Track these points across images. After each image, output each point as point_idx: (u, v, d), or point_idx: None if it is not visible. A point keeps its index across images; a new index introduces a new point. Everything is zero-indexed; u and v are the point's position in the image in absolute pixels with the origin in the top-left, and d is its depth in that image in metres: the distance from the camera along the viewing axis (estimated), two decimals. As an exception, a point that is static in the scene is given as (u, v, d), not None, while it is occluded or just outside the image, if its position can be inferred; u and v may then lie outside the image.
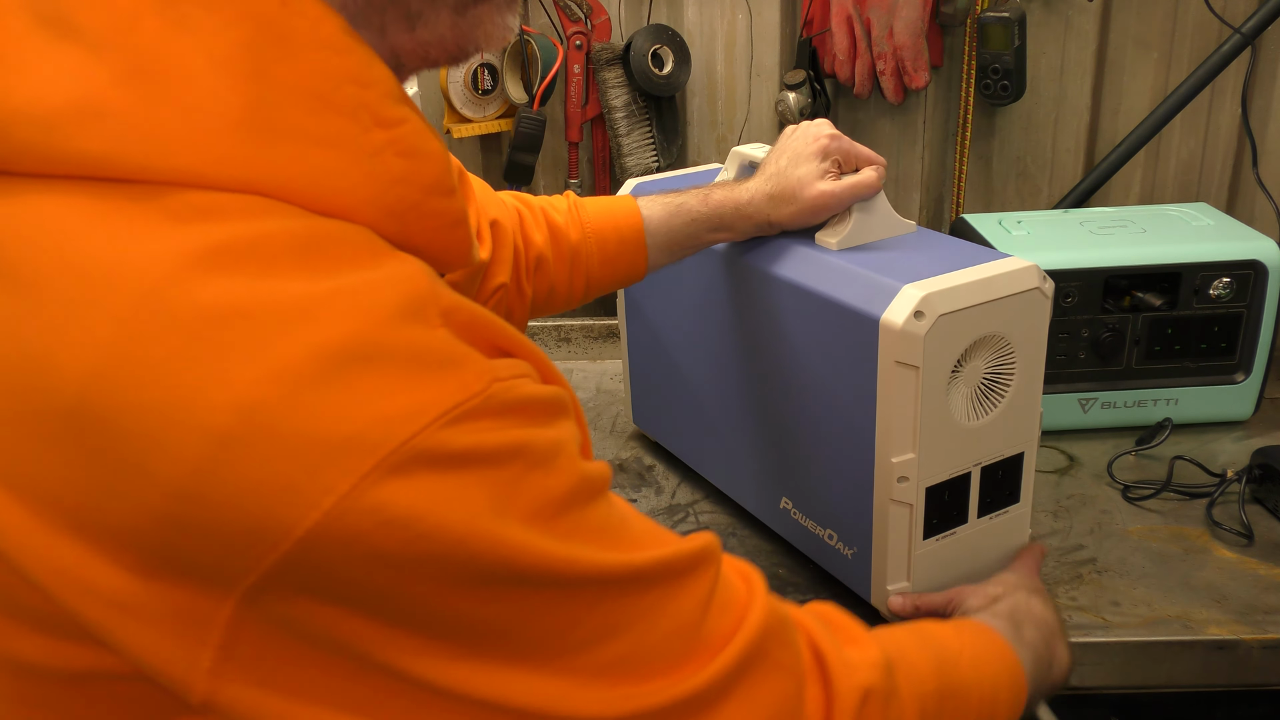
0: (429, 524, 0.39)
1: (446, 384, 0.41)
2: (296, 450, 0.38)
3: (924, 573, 0.83)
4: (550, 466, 0.43)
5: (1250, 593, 0.89)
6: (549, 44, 1.34)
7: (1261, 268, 1.09)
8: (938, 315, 0.75)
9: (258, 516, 0.38)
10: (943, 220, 1.47)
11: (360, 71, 0.44)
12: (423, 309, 0.42)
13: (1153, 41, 1.35)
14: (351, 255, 0.42)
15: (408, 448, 0.39)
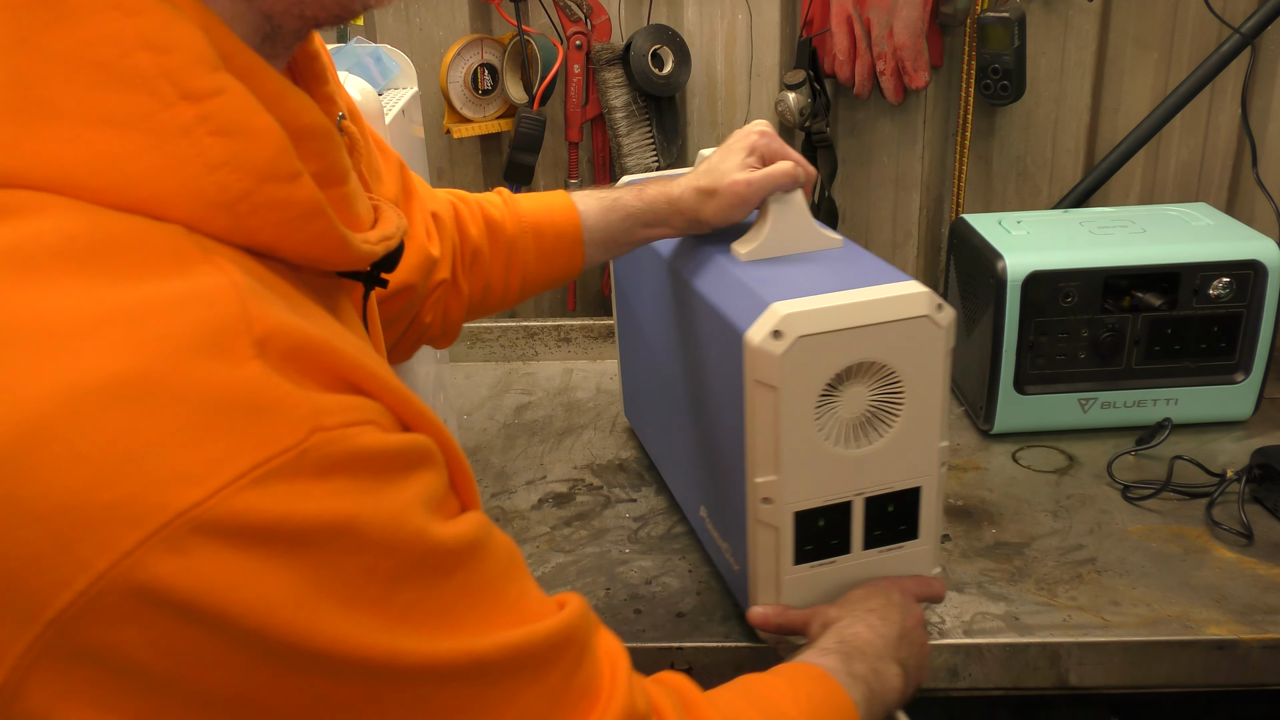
0: (214, 610, 0.32)
1: (249, 435, 0.33)
2: (42, 516, 0.31)
3: (798, 598, 0.81)
4: (386, 543, 0.36)
5: (1250, 593, 0.89)
6: (549, 44, 1.34)
7: (1261, 268, 1.09)
8: (797, 336, 0.71)
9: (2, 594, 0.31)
10: (943, 220, 1.47)
11: (157, 35, 0.36)
12: (227, 337, 0.34)
13: (1153, 41, 1.35)
14: (144, 262, 0.35)
15: (188, 517, 0.32)
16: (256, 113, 0.38)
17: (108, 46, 0.35)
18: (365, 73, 0.99)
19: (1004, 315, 1.10)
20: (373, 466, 0.36)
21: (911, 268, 1.48)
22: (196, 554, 0.32)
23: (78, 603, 0.31)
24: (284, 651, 0.34)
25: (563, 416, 1.28)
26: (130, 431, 0.32)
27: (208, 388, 0.33)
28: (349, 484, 0.35)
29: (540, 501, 1.09)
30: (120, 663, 0.32)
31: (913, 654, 0.75)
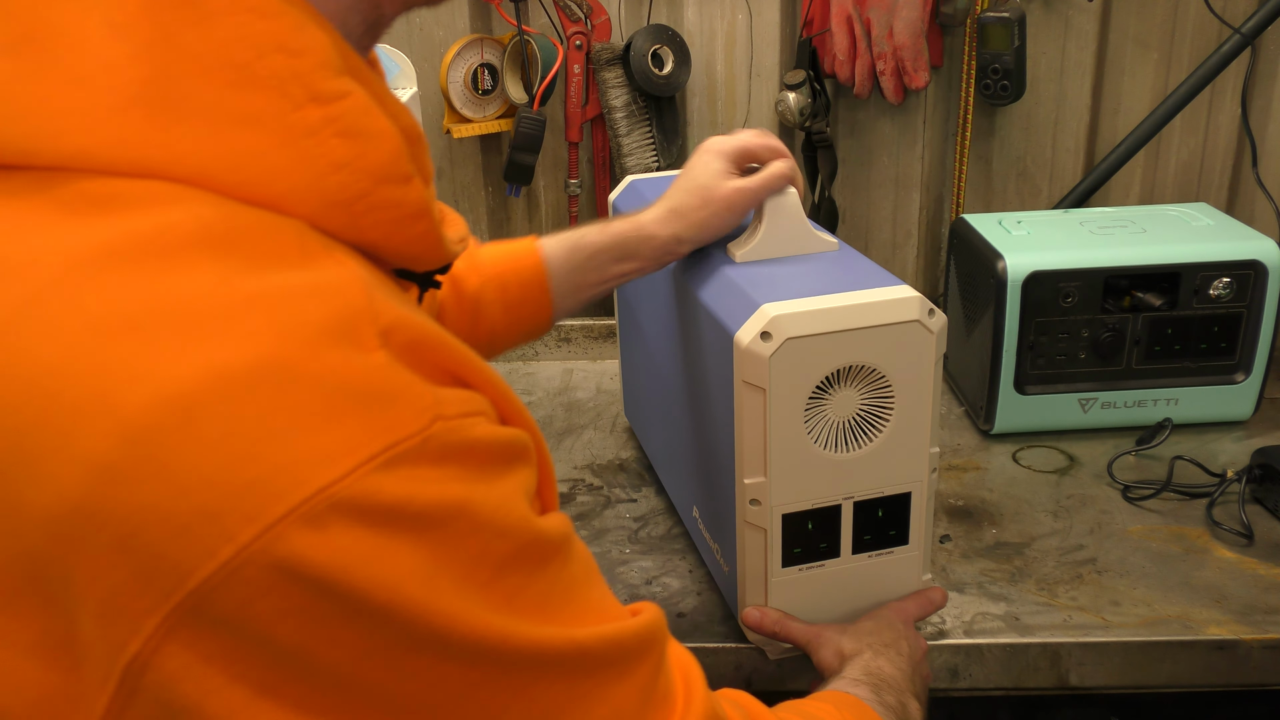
0: (346, 586, 0.34)
1: (378, 421, 0.35)
2: (190, 489, 0.32)
3: (786, 601, 0.81)
4: (496, 527, 0.38)
5: (1250, 593, 0.89)
6: (549, 44, 1.34)
7: (1261, 268, 1.09)
8: (785, 338, 0.72)
9: (141, 567, 0.32)
10: (943, 220, 1.47)
11: (289, 37, 0.38)
12: (356, 327, 0.36)
13: (1153, 41, 1.35)
14: (274, 253, 0.36)
15: (325, 495, 0.33)
16: (377, 116, 0.40)
17: (244, 48, 0.37)
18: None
19: (1004, 315, 1.10)
20: (484, 455, 0.38)
21: (911, 268, 1.48)
22: (332, 530, 0.33)
23: (219, 574, 0.32)
24: (404, 628, 0.35)
25: (563, 416, 1.28)
26: (272, 413, 0.33)
27: (341, 374, 0.35)
28: (464, 471, 0.37)
29: (540, 502, 1.09)
30: (251, 633, 0.34)
31: (923, 686, 0.76)
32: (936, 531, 1.00)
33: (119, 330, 0.33)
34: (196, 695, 0.34)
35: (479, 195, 1.46)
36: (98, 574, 0.33)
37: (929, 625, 0.87)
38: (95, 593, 0.33)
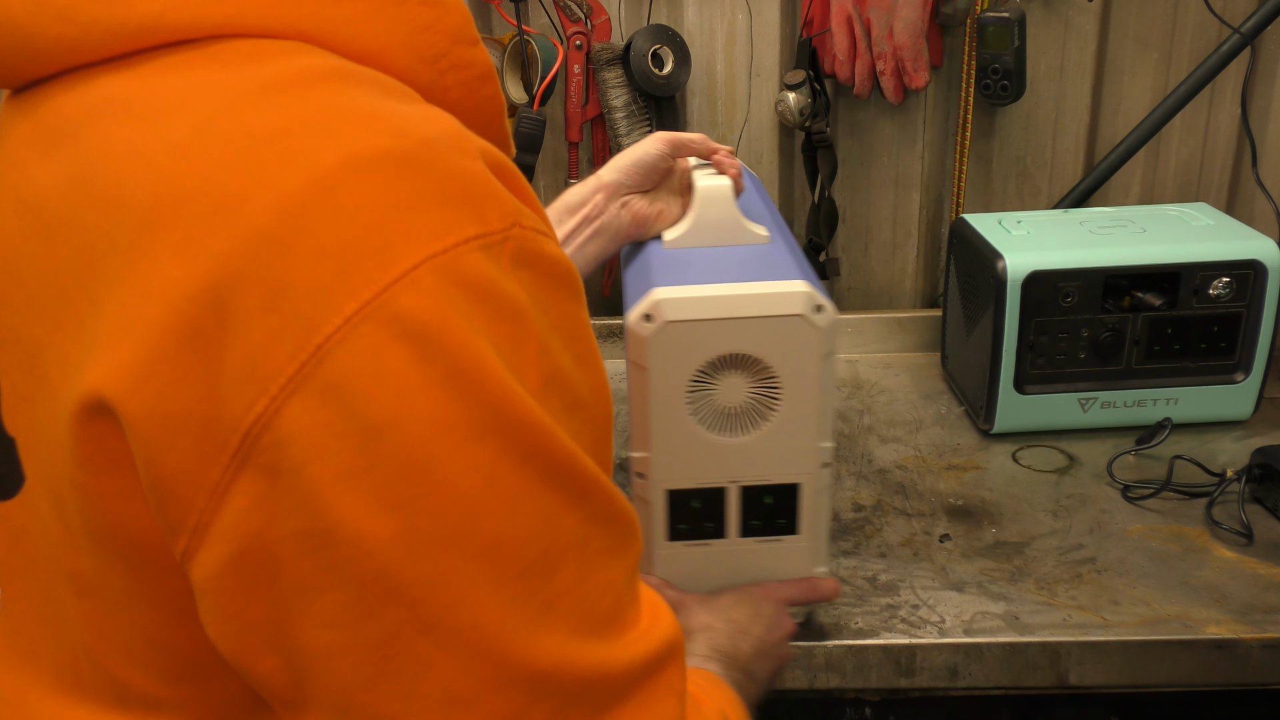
0: (440, 344, 0.39)
1: (475, 211, 0.41)
2: (329, 252, 0.38)
3: (671, 573, 0.84)
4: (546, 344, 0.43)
5: (1250, 592, 0.89)
6: (549, 44, 1.34)
7: (1261, 267, 1.09)
8: (665, 321, 0.74)
9: (281, 326, 0.38)
10: (943, 220, 1.47)
11: None
12: (461, 141, 0.43)
13: (1153, 41, 1.36)
14: (391, 90, 0.44)
15: (431, 263, 0.39)
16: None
17: None
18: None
19: (1004, 315, 1.10)
20: (549, 272, 0.44)
21: (911, 268, 1.48)
22: (434, 292, 0.39)
23: (342, 329, 0.38)
24: (479, 402, 0.39)
25: (563, 416, 1.28)
26: (396, 191, 0.39)
27: (450, 169, 0.41)
28: (531, 280, 0.43)
29: (540, 501, 1.09)
30: (357, 401, 0.38)
31: (766, 667, 0.78)
32: (936, 531, 1.00)
33: (276, 134, 0.40)
34: (299, 460, 0.38)
35: (479, 195, 1.46)
36: (247, 333, 0.38)
37: (928, 626, 0.87)
38: (241, 352, 0.38)
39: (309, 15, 0.45)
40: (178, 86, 0.42)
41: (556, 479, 0.42)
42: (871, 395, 1.30)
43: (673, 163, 0.90)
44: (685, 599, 0.81)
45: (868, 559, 0.97)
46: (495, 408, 0.40)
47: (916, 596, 0.91)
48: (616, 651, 0.45)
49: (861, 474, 1.12)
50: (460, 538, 0.40)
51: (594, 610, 0.44)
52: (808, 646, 0.86)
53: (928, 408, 1.25)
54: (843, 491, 1.08)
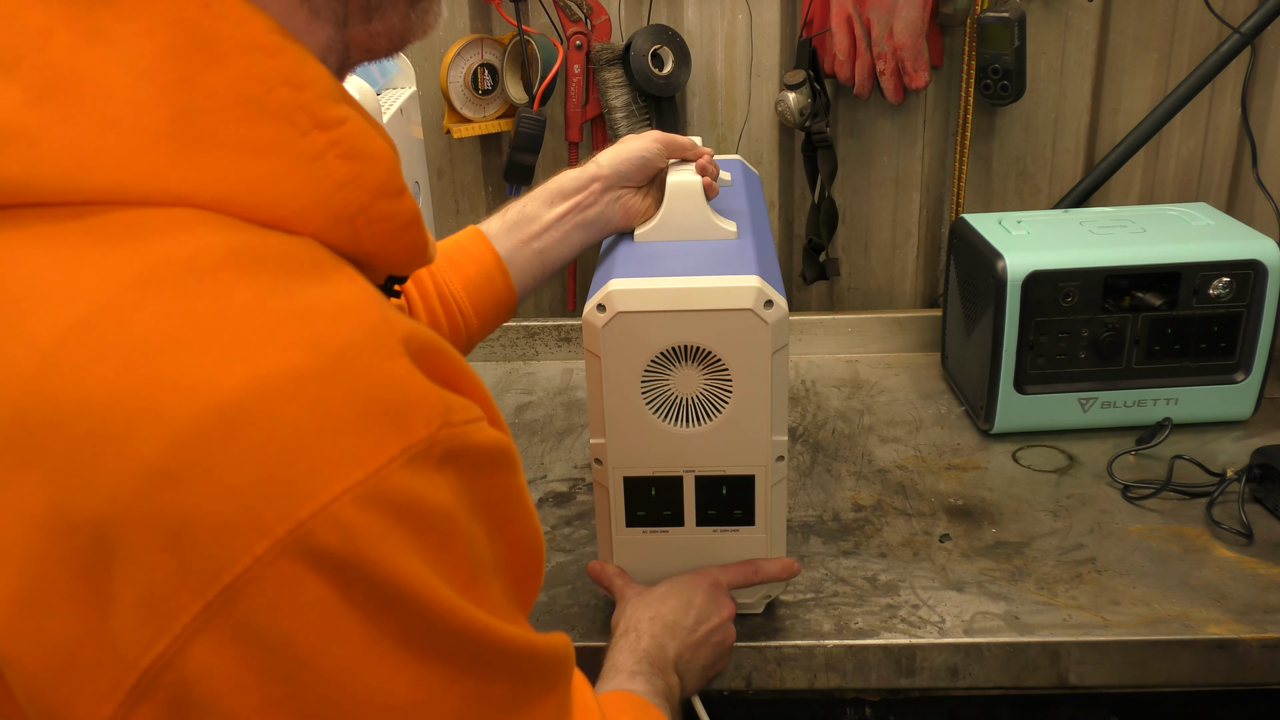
0: (362, 573, 0.37)
1: (399, 424, 0.38)
2: (234, 489, 0.35)
3: (629, 560, 0.87)
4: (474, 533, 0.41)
5: (1250, 592, 0.89)
6: (549, 44, 1.34)
7: (1261, 267, 1.09)
8: (617, 312, 0.77)
9: (182, 564, 0.35)
10: (943, 220, 1.47)
11: (294, 72, 0.42)
12: (379, 337, 0.39)
13: (1153, 41, 1.35)
14: (296, 270, 0.40)
15: (352, 493, 0.36)
16: (373, 138, 0.44)
17: (255, 84, 0.41)
18: (364, 72, 0.99)
19: (1004, 315, 1.10)
20: (482, 460, 0.42)
21: (911, 268, 1.48)
22: (355, 524, 0.36)
23: (253, 568, 0.35)
24: (404, 617, 0.38)
25: (563, 416, 1.28)
26: (308, 418, 0.36)
27: (371, 380, 0.38)
28: (460, 477, 0.40)
29: (540, 501, 1.09)
30: (273, 633, 0.36)
31: (699, 655, 0.80)
32: (936, 531, 1.00)
33: (166, 347, 0.36)
34: (210, 697, 0.36)
35: (479, 195, 1.46)
36: (140, 571, 0.35)
37: (928, 626, 0.87)
38: (135, 590, 0.35)
39: (207, 180, 0.40)
40: (46, 269, 0.37)
41: (483, 662, 0.42)
42: (871, 395, 1.30)
43: (665, 162, 0.92)
44: (625, 592, 0.84)
45: (868, 559, 0.97)
46: (418, 620, 0.39)
47: (917, 596, 0.91)
48: None
49: (861, 474, 1.12)
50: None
51: None
52: (808, 646, 0.87)
53: (928, 408, 1.25)
54: (843, 491, 1.08)
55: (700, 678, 0.81)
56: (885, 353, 1.41)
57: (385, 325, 0.40)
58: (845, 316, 1.42)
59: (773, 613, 0.90)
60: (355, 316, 0.39)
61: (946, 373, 1.31)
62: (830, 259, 1.45)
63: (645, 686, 0.73)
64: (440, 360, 0.42)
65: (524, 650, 0.43)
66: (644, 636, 0.78)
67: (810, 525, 1.03)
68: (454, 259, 0.89)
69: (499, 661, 0.42)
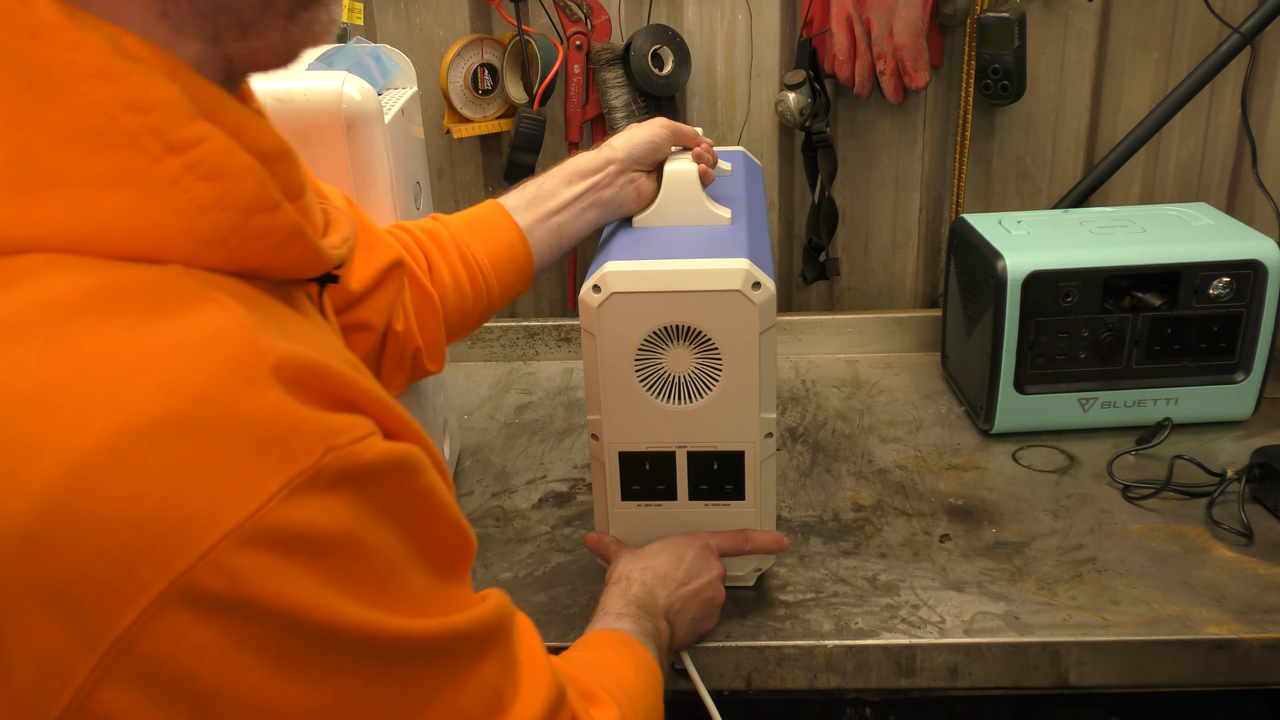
0: (258, 611, 0.37)
1: (276, 458, 0.37)
2: (105, 549, 0.34)
3: (626, 532, 0.90)
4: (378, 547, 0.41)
5: (1250, 592, 0.89)
6: (549, 44, 1.34)
7: (1261, 267, 1.09)
8: (611, 292, 0.81)
9: (68, 623, 0.35)
10: (942, 220, 1.47)
11: (137, 95, 0.39)
12: (246, 370, 0.37)
13: (1153, 41, 1.35)
14: (157, 306, 0.38)
15: (233, 537, 0.36)
16: (236, 154, 0.41)
17: (95, 114, 0.38)
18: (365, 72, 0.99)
19: (1004, 315, 1.10)
20: (374, 476, 0.41)
21: (911, 267, 1.48)
22: (241, 565, 0.36)
23: (140, 620, 0.35)
24: (310, 639, 0.38)
25: (563, 416, 1.28)
26: (175, 465, 0.35)
27: (238, 419, 0.37)
28: (354, 496, 0.40)
29: (540, 501, 1.09)
30: (175, 674, 0.36)
31: (689, 607, 0.82)
32: (936, 531, 1.00)
33: (19, 408, 0.35)
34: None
35: (479, 195, 1.46)
36: (31, 634, 0.35)
37: (928, 626, 0.87)
38: (28, 648, 0.35)
39: (55, 221, 0.37)
40: None
41: (404, 655, 0.42)
42: (871, 395, 1.30)
43: (670, 148, 0.96)
44: (620, 551, 0.87)
45: (868, 559, 0.97)
46: (324, 641, 0.39)
47: (917, 596, 0.91)
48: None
49: (861, 474, 1.12)
50: None
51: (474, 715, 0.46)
52: (808, 646, 0.87)
53: (928, 408, 1.25)
54: (843, 491, 1.09)
55: (690, 630, 0.83)
56: (885, 353, 1.41)
57: (252, 356, 0.38)
58: (845, 316, 1.42)
59: (773, 613, 0.90)
60: (219, 350, 0.37)
61: (946, 373, 1.31)
62: (830, 259, 1.45)
63: (632, 626, 0.76)
64: (323, 381, 0.40)
65: (446, 634, 0.44)
66: (634, 584, 0.81)
67: (810, 525, 1.03)
68: (476, 227, 0.91)
69: (421, 650, 0.43)
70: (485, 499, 1.10)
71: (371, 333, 0.79)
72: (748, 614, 0.90)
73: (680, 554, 0.85)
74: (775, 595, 0.92)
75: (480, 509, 1.08)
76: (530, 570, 0.98)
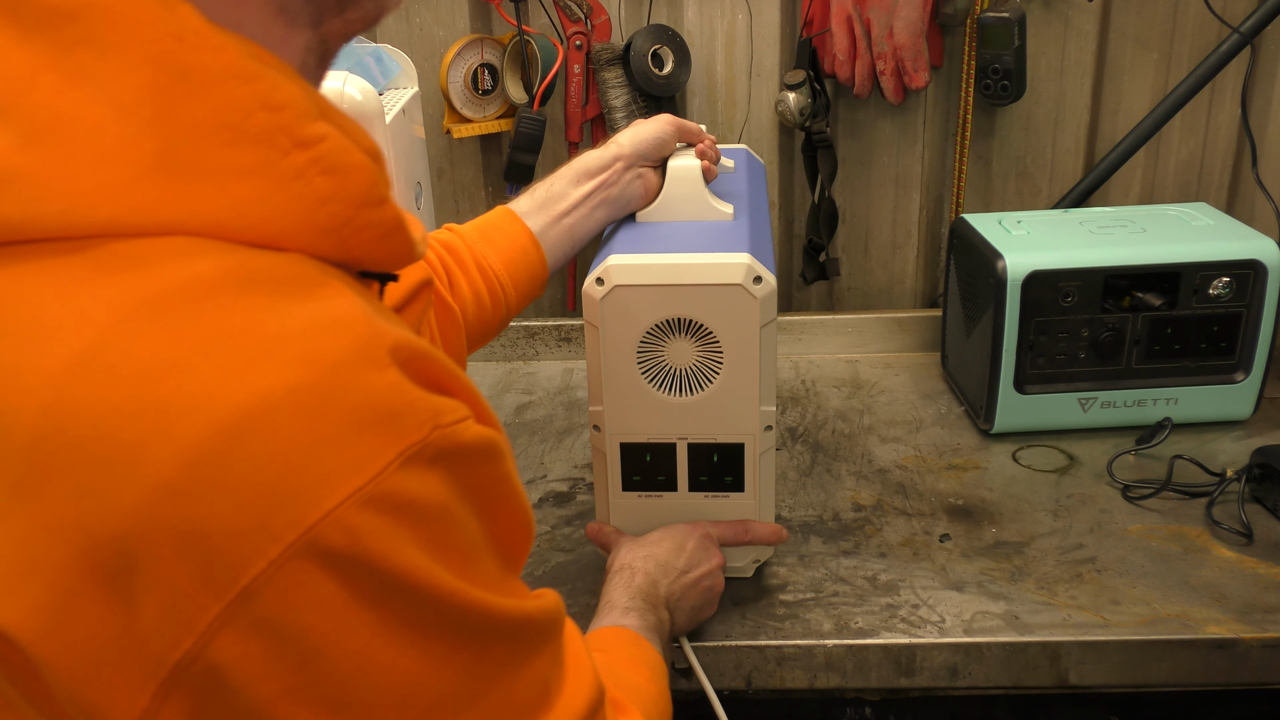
0: (368, 568, 0.40)
1: (393, 431, 0.41)
2: (243, 501, 0.38)
3: (625, 522, 0.91)
4: (467, 519, 0.44)
5: (1250, 592, 0.89)
6: (549, 44, 1.34)
7: (1261, 267, 1.09)
8: (614, 285, 0.82)
9: (200, 571, 0.37)
10: (942, 220, 1.47)
11: (270, 95, 0.43)
12: (370, 350, 0.41)
13: (1153, 41, 1.36)
14: (287, 288, 0.42)
15: (354, 499, 0.39)
16: (352, 151, 0.45)
17: (234, 111, 0.42)
18: (366, 72, 0.99)
19: (1004, 315, 1.10)
20: (471, 457, 0.44)
21: (911, 267, 1.48)
22: (358, 525, 0.39)
23: (268, 570, 0.38)
24: (407, 601, 0.41)
25: (563, 416, 1.28)
26: (308, 431, 0.39)
27: (362, 393, 0.40)
28: (452, 473, 0.43)
29: (540, 501, 1.09)
30: (289, 628, 0.39)
31: (689, 595, 0.84)
32: (936, 531, 1.00)
33: (169, 370, 0.38)
34: (236, 685, 0.39)
35: (479, 195, 1.46)
36: (161, 578, 0.38)
37: (928, 625, 0.87)
38: (158, 594, 0.38)
39: (195, 208, 0.42)
40: (51, 301, 0.39)
41: (481, 631, 0.45)
42: (871, 395, 1.30)
43: (675, 144, 0.98)
44: (620, 539, 0.89)
45: (868, 559, 0.97)
46: (420, 604, 0.42)
47: (916, 596, 0.91)
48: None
49: (861, 474, 1.12)
50: (403, 708, 0.43)
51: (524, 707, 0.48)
52: (808, 646, 0.87)
53: (928, 408, 1.25)
54: (843, 491, 1.09)
55: (689, 618, 0.85)
56: (885, 353, 1.41)
57: (375, 338, 0.42)
58: (845, 316, 1.42)
59: (773, 613, 0.90)
60: (346, 331, 0.41)
61: (946, 373, 1.31)
62: (830, 259, 1.46)
63: (638, 622, 0.78)
64: (427, 365, 0.44)
65: (517, 616, 0.47)
66: (638, 574, 0.82)
67: (810, 525, 1.03)
68: (490, 236, 0.93)
69: (495, 628, 0.46)
70: (485, 499, 1.10)
71: None
72: (748, 614, 0.90)
73: (681, 542, 0.86)
74: (775, 595, 0.92)
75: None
76: (530, 570, 0.98)
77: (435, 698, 0.44)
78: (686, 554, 0.85)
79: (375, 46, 1.06)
